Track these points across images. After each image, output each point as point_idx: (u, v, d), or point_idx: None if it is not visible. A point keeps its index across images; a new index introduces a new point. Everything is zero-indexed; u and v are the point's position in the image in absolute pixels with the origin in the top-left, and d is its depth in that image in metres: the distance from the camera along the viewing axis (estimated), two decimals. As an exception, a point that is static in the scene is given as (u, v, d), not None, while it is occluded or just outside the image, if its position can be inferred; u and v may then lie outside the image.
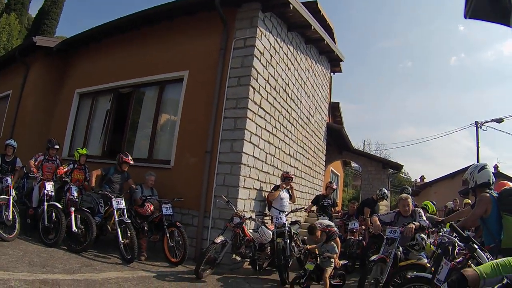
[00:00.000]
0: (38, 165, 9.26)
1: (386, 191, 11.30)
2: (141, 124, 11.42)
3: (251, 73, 8.93)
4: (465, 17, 2.27)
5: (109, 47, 12.61)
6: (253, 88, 9.05)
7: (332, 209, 11.45)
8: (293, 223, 9.49)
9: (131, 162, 9.10)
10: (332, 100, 19.57)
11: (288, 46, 11.21)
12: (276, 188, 9.49)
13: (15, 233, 7.63)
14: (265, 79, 9.65)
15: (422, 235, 6.62)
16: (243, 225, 7.78)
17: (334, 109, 21.32)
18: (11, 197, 7.84)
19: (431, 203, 10.77)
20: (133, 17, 11.02)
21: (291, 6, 9.33)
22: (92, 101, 13.01)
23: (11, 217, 7.66)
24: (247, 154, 8.86)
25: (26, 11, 60.31)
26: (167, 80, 10.62)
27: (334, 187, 11.96)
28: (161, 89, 10.82)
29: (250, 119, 8.92)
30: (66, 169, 9.09)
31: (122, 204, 8.15)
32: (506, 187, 5.01)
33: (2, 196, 7.83)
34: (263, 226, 8.09)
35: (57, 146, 9.62)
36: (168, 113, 10.86)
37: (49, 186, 8.48)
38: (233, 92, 9.04)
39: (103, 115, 12.43)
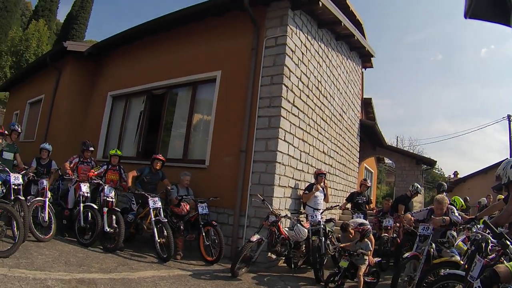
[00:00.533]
0: (73, 167, 9.44)
1: (419, 186, 11.16)
2: (175, 124, 11.55)
3: (283, 71, 8.94)
4: (465, 17, 2.28)
5: (140, 49, 12.79)
6: (286, 86, 9.05)
7: (367, 206, 11.36)
8: (328, 221, 9.48)
9: (161, 158, 9.25)
10: (364, 96, 19.44)
11: (319, 43, 11.18)
12: (310, 187, 9.50)
13: (51, 233, 7.81)
14: (297, 77, 9.65)
15: (453, 232, 6.57)
16: (279, 223, 7.79)
17: (366, 105, 21.15)
18: (47, 199, 7.99)
19: (459, 198, 10.61)
20: (163, 20, 11.16)
21: (320, 3, 9.27)
22: (125, 103, 13.25)
23: (47, 218, 7.81)
24: (281, 152, 8.88)
25: (54, 16, 61.77)
26: (199, 80, 10.69)
27: (369, 184, 11.89)
28: (194, 90, 10.91)
29: (284, 117, 8.93)
30: (98, 171, 9.21)
31: (159, 203, 8.25)
32: None
33: (38, 198, 7.99)
34: (298, 224, 8.11)
35: (91, 148, 9.79)
36: (202, 113, 10.95)
37: (85, 188, 8.64)
38: (266, 91, 9.07)
39: (137, 117, 12.62)
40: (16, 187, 7.59)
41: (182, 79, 11.03)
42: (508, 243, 3.41)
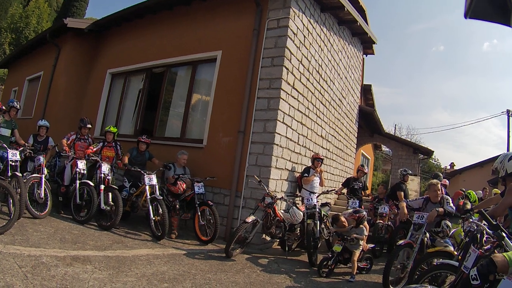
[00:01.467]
0: (71, 144, 9.42)
1: (405, 169, 11.33)
2: (174, 103, 11.57)
3: (284, 53, 8.91)
4: (465, 17, 2.28)
5: (141, 28, 12.73)
6: (287, 68, 9.03)
7: (362, 192, 11.42)
8: (323, 204, 9.54)
9: (146, 140, 9.34)
10: (364, 83, 19.43)
11: (321, 27, 11.13)
12: (307, 170, 9.54)
13: (46, 210, 7.83)
14: (298, 60, 9.62)
15: (448, 222, 6.62)
16: (274, 205, 7.83)
17: (366, 91, 21.10)
18: (43, 176, 7.99)
19: (473, 192, 10.66)
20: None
21: (324, -13, 9.25)
22: (124, 80, 13.24)
23: (43, 195, 7.82)
24: (279, 134, 8.89)
25: None
26: (199, 60, 10.68)
27: (366, 170, 11.92)
28: (193, 69, 10.89)
29: (283, 99, 8.93)
30: (96, 148, 9.24)
31: (154, 180, 8.29)
32: None
33: (34, 175, 7.98)
34: (294, 207, 8.11)
35: (89, 125, 9.75)
36: (201, 93, 10.92)
37: (81, 164, 8.65)
38: (267, 73, 9.04)
39: (136, 95, 12.64)
40: (13, 164, 7.61)
41: (182, 58, 11.01)
42: (504, 235, 3.44)
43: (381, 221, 9.80)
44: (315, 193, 9.08)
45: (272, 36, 9.15)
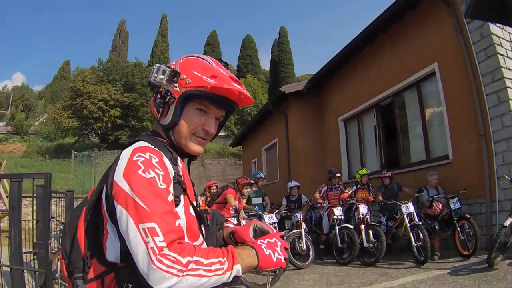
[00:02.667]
0: (323, 195, 10.18)
1: None
2: (410, 126, 11.62)
3: (493, 40, 8.42)
4: (465, 17, 2.16)
5: (354, 69, 13.35)
6: (501, 54, 8.45)
7: None
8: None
9: (388, 175, 9.65)
10: None
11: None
12: None
13: (310, 259, 8.60)
14: (508, 41, 8.88)
15: None
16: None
17: None
18: (303, 230, 8.85)
19: None
20: (366, 32, 11.61)
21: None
22: (357, 122, 13.85)
23: (304, 247, 8.64)
24: (517, 125, 8.28)
25: (259, 68, 66.30)
26: (420, 78, 10.65)
27: None
28: (418, 88, 10.90)
29: (509, 87, 8.32)
30: (350, 191, 9.76)
31: (411, 208, 8.43)
32: None
33: (294, 231, 8.95)
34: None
35: (338, 174, 10.46)
36: (431, 107, 10.81)
37: (338, 211, 9.32)
38: (485, 66, 8.60)
39: (372, 131, 13.01)
40: (272, 226, 8.50)
41: (404, 83, 11.14)
42: None
43: None
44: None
45: (475, 29, 8.76)
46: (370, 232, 8.71)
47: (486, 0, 2.02)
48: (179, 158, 1.56)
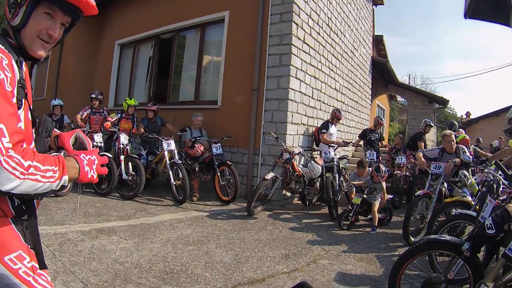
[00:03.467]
0: (85, 119, 9.48)
1: (428, 120, 11.30)
2: (185, 67, 11.56)
3: (292, 9, 8.78)
4: (465, 17, 2.24)
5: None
6: (296, 23, 8.92)
7: (379, 144, 11.44)
8: (341, 158, 9.58)
9: (151, 108, 9.28)
10: (376, 34, 19.21)
11: (329, -22, 10.94)
12: (326, 125, 9.49)
13: (67, 188, 7.89)
14: (307, 14, 9.49)
15: (465, 171, 6.61)
16: (293, 160, 7.87)
17: (378, 42, 20.83)
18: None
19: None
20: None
21: None
22: (133, 50, 13.17)
23: None
24: (293, 90, 8.86)
25: None
26: (207, 22, 10.55)
27: (383, 123, 11.88)
28: (202, 31, 10.79)
29: (295, 54, 8.85)
30: (114, 119, 9.27)
31: (173, 145, 8.29)
32: None
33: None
34: (312, 161, 8.12)
35: (100, 97, 9.77)
36: (211, 54, 10.85)
37: (98, 138, 8.71)
38: (276, 29, 8.93)
39: (146, 63, 12.59)
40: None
41: (190, 22, 10.88)
42: None
43: (399, 172, 9.83)
44: (333, 146, 9.08)
45: (279, -8, 9.00)
46: (130, 164, 8.42)
47: (486, 0, 1.96)
48: (24, 62, 1.62)
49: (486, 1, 2.12)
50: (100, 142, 8.76)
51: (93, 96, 9.71)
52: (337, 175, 8.19)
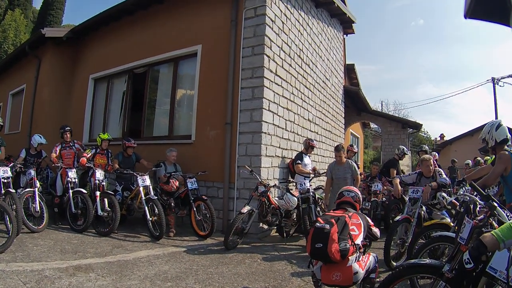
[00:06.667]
0: (58, 155, 9.33)
1: (404, 147, 11.31)
2: (159, 102, 11.52)
3: (264, 41, 8.87)
4: (465, 17, 2.25)
5: (119, 30, 12.58)
6: (268, 56, 8.99)
7: (355, 172, 11.47)
8: (316, 188, 9.57)
9: (134, 145, 9.28)
10: (347, 62, 19.44)
11: (299, 11, 11.07)
12: (300, 156, 9.47)
13: (44, 223, 7.81)
14: (278, 47, 9.58)
15: (443, 193, 6.62)
16: (268, 193, 7.84)
17: (349, 71, 21.09)
18: (36, 189, 7.93)
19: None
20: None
21: (299, -29, 9.18)
22: (107, 84, 13.10)
23: (38, 208, 7.78)
24: (267, 122, 8.87)
25: (30, 4, 60.46)
26: (180, 56, 10.60)
27: (355, 150, 11.90)
28: (175, 66, 10.81)
29: (267, 87, 8.90)
30: (90, 154, 9.15)
31: (147, 181, 8.25)
32: None
33: (27, 189, 7.90)
34: (288, 193, 8.15)
35: (68, 128, 9.61)
36: (185, 88, 10.86)
37: (72, 173, 8.60)
38: (248, 62, 8.99)
39: (120, 97, 12.52)
40: (5, 180, 7.44)
41: (163, 56, 10.93)
42: (495, 204, 3.41)
43: (375, 199, 9.82)
44: (308, 177, 9.04)
45: (250, 26, 9.10)
46: (105, 200, 8.27)
47: (486, 0, 1.95)
48: None
49: (486, 1, 2.10)
50: (74, 178, 8.64)
51: (62, 130, 9.54)
52: (313, 205, 8.10)
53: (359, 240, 4.09)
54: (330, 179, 8.23)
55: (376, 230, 4.66)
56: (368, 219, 4.63)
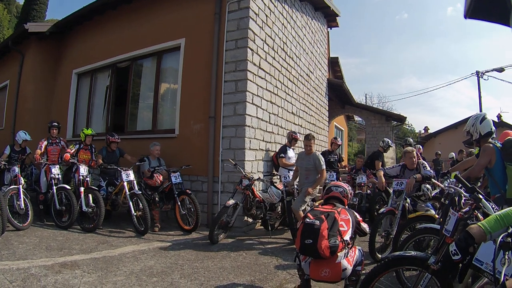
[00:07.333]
0: (43, 151, 9.23)
1: (389, 140, 11.33)
2: (142, 96, 11.44)
3: (247, 35, 8.84)
4: (465, 17, 2.24)
5: (102, 24, 12.44)
6: (251, 49, 8.97)
7: (339, 165, 11.48)
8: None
9: (118, 140, 9.28)
10: (331, 55, 19.46)
11: (283, 4, 11.05)
12: (284, 150, 9.46)
13: (28, 221, 7.73)
14: (262, 40, 9.55)
15: (428, 185, 6.66)
16: (252, 186, 7.83)
17: (333, 64, 21.17)
18: (21, 186, 7.83)
19: None
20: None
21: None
22: (90, 79, 12.96)
23: (23, 205, 7.67)
24: (250, 115, 8.86)
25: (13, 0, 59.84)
26: (164, 49, 10.54)
27: (339, 143, 11.90)
28: (158, 59, 10.75)
29: (250, 80, 8.88)
30: (73, 150, 9.07)
31: (131, 176, 8.20)
32: (509, 137, 4.96)
33: (12, 187, 7.80)
34: (272, 186, 8.18)
35: (55, 123, 9.50)
36: (168, 82, 10.81)
37: (55, 170, 8.54)
38: (232, 55, 8.96)
39: (103, 92, 12.41)
40: None
41: (146, 50, 10.84)
42: (481, 196, 3.42)
43: (360, 191, 9.86)
44: (292, 170, 9.04)
45: (234, 19, 9.06)
46: (90, 196, 8.22)
47: (486, 0, 1.93)
48: None
49: (486, 1, 2.09)
50: (58, 174, 8.56)
51: (50, 125, 9.43)
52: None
53: (347, 236, 4.08)
54: (297, 167, 8.07)
55: (365, 225, 4.64)
56: (357, 214, 4.60)
